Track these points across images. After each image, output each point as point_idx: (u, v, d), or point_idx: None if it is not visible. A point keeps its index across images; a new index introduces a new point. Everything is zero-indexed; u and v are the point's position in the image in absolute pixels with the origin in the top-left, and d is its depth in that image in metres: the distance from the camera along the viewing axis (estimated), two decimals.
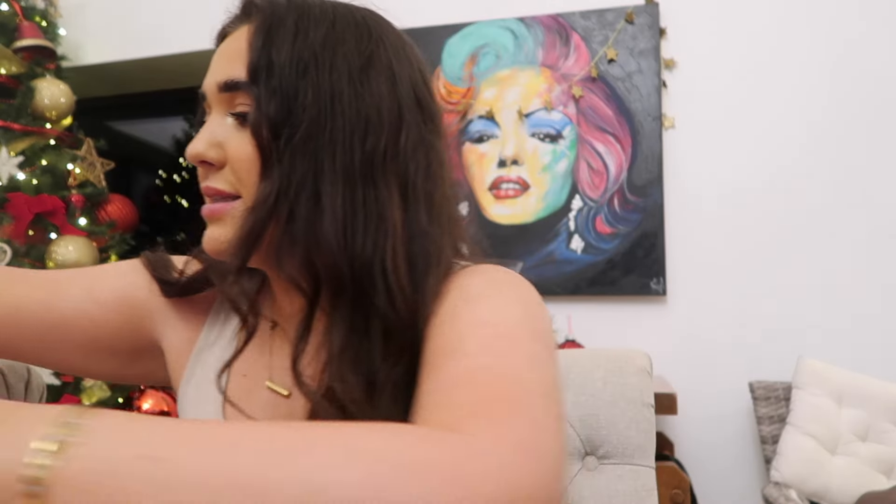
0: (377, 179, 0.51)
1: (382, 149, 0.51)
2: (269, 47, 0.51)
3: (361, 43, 0.54)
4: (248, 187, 0.52)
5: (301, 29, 0.52)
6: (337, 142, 0.50)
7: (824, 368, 1.75)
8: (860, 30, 1.96)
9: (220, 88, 0.53)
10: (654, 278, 2.02)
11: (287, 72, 0.50)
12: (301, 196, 0.49)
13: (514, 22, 2.20)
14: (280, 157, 0.50)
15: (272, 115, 0.50)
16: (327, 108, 0.51)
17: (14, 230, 1.98)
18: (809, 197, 1.97)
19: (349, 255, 0.49)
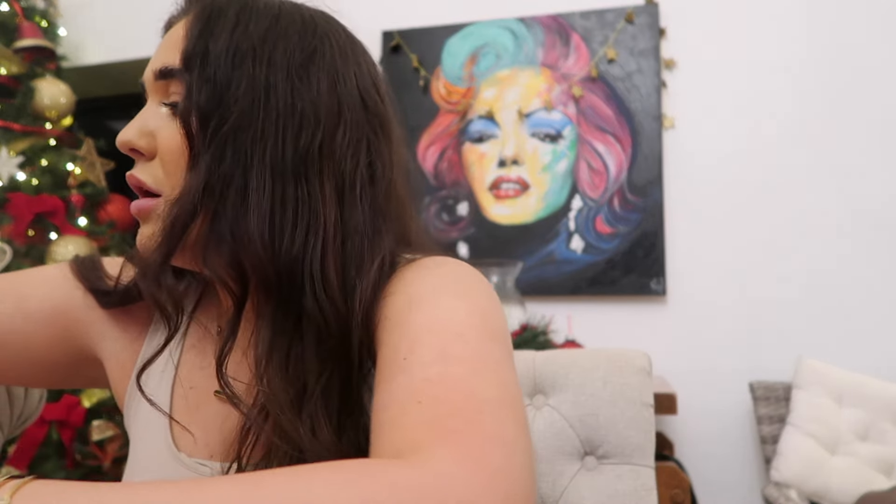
0: (310, 176, 0.49)
1: (317, 146, 0.50)
2: (207, 36, 0.50)
3: (304, 39, 0.52)
4: (171, 179, 0.50)
5: (242, 20, 0.51)
6: (268, 135, 0.48)
7: (824, 368, 1.75)
8: (859, 29, 1.96)
9: (155, 76, 0.52)
10: (654, 278, 2.02)
11: (222, 61, 0.49)
12: (228, 190, 0.47)
13: (514, 22, 2.20)
14: (207, 147, 0.48)
15: (202, 103, 0.48)
16: (260, 101, 0.49)
17: (14, 230, 1.98)
18: (810, 197, 1.97)
19: (276, 254, 0.47)
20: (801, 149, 1.99)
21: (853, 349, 1.89)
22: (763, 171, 2.01)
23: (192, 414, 0.55)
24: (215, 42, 0.49)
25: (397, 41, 2.26)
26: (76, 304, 0.59)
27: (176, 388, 0.57)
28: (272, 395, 0.46)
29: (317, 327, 0.48)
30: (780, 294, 1.96)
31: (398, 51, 2.26)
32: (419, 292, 0.48)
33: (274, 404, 0.46)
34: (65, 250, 2.00)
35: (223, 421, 0.54)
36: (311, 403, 0.47)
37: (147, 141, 0.51)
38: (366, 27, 2.71)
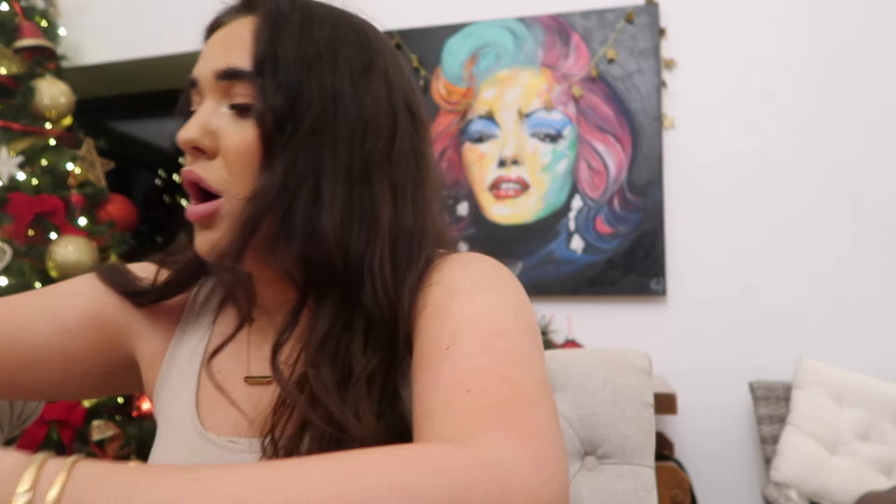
0: (373, 180, 0.52)
1: (379, 151, 0.53)
2: (276, 41, 0.51)
3: (362, 49, 0.55)
4: (239, 179, 0.51)
5: (306, 26, 0.53)
6: (339, 140, 0.51)
7: (824, 368, 1.75)
8: (859, 29, 1.96)
9: (217, 76, 0.53)
10: (654, 278, 2.02)
11: (293, 66, 0.51)
12: (302, 190, 0.50)
13: (514, 22, 2.20)
14: (284, 150, 0.50)
15: (278, 107, 0.50)
16: (330, 107, 0.52)
17: (14, 230, 1.98)
18: (810, 197, 1.97)
19: (343, 251, 0.50)
20: (801, 149, 1.99)
21: (853, 349, 1.89)
22: (763, 171, 2.01)
23: (216, 398, 0.57)
24: (284, 47, 0.51)
25: (397, 41, 2.26)
26: (109, 310, 0.61)
27: (203, 371, 0.59)
28: (320, 379, 0.49)
29: (367, 318, 0.51)
30: (780, 294, 1.97)
31: (398, 51, 2.26)
32: (458, 286, 0.50)
33: (322, 387, 0.48)
34: (65, 250, 2.00)
35: (255, 403, 0.56)
36: (356, 389, 0.49)
37: (210, 140, 0.52)
38: None
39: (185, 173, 0.53)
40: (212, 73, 0.53)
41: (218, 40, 0.55)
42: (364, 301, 0.51)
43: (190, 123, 0.52)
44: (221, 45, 0.54)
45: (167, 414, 0.60)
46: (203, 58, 0.55)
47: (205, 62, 0.54)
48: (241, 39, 0.53)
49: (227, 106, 0.53)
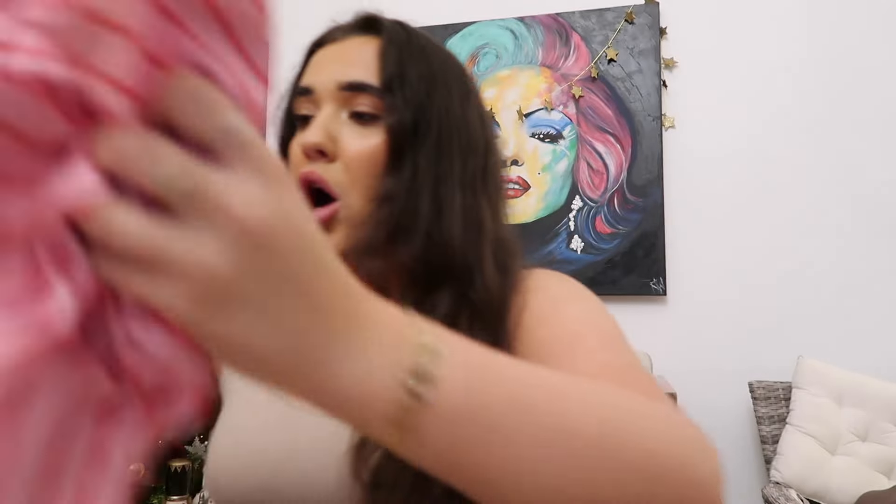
0: (477, 191, 0.60)
1: (481, 167, 0.61)
2: (403, 63, 0.59)
3: (463, 77, 0.64)
4: (358, 183, 0.57)
5: (425, 52, 0.61)
6: (453, 154, 0.59)
7: (824, 368, 1.75)
8: (859, 29, 1.96)
9: (341, 87, 0.58)
10: (654, 278, 2.02)
11: (417, 86, 0.58)
12: (425, 195, 0.57)
13: (514, 22, 2.20)
14: (410, 159, 0.57)
15: (406, 121, 0.57)
16: (446, 124, 0.59)
17: None
18: (810, 197, 1.97)
19: (460, 251, 0.57)
20: (802, 148, 1.99)
21: (853, 349, 1.89)
22: (763, 171, 2.01)
23: None
24: (410, 69, 0.59)
25: None
26: None
27: None
28: None
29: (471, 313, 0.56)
30: (780, 294, 1.96)
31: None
32: (558, 294, 0.58)
33: None
34: None
35: None
36: None
37: (331, 144, 0.57)
38: None
39: (307, 173, 0.57)
40: (335, 83, 0.59)
41: (336, 54, 0.61)
42: (472, 297, 0.56)
43: (314, 128, 0.57)
44: (342, 60, 0.60)
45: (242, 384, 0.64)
46: (318, 69, 0.61)
47: (324, 73, 0.60)
48: (364, 57, 0.59)
49: (346, 114, 0.59)
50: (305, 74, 0.62)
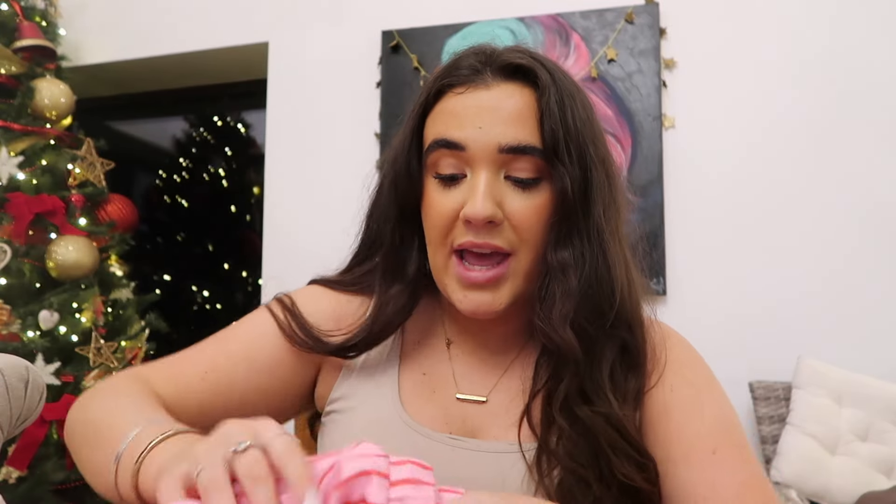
0: (622, 239, 0.62)
1: (624, 210, 0.63)
2: (563, 120, 0.57)
3: (594, 112, 0.63)
4: (526, 243, 0.58)
5: (577, 101, 0.59)
6: (611, 206, 0.60)
7: (824, 368, 1.75)
8: (860, 29, 1.96)
9: (503, 150, 0.57)
10: (654, 278, 2.02)
11: (579, 144, 0.58)
12: (598, 257, 0.58)
13: (514, 22, 2.20)
14: (584, 221, 0.58)
15: (573, 183, 0.57)
16: (604, 178, 0.60)
17: (14, 230, 1.98)
18: (810, 197, 1.97)
19: (628, 303, 0.60)
20: (802, 149, 1.98)
21: (853, 349, 1.89)
22: (763, 171, 2.00)
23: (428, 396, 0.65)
24: (569, 125, 0.57)
25: (397, 41, 2.26)
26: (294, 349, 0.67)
27: (403, 370, 0.67)
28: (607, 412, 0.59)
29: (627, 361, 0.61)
30: (780, 294, 1.96)
31: (398, 51, 2.26)
32: (696, 381, 0.63)
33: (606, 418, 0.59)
34: (65, 250, 2.00)
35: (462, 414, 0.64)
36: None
37: (500, 211, 0.58)
38: (366, 27, 2.69)
39: (480, 244, 0.57)
40: (496, 146, 0.57)
41: (489, 107, 0.58)
42: (630, 345, 0.61)
43: (483, 199, 0.56)
44: (499, 117, 0.57)
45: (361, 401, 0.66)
46: (468, 123, 0.58)
47: (477, 130, 0.57)
48: (520, 112, 0.57)
49: (503, 176, 0.58)
50: (445, 124, 0.59)
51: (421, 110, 0.63)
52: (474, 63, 0.60)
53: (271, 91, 2.44)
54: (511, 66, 0.59)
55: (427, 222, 0.62)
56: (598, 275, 0.58)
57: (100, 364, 1.99)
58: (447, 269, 0.60)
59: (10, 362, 0.93)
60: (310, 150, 2.37)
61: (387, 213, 0.65)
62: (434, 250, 0.61)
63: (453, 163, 0.59)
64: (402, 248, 0.65)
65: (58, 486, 1.86)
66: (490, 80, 0.59)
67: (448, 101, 0.60)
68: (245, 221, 3.73)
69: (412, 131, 0.63)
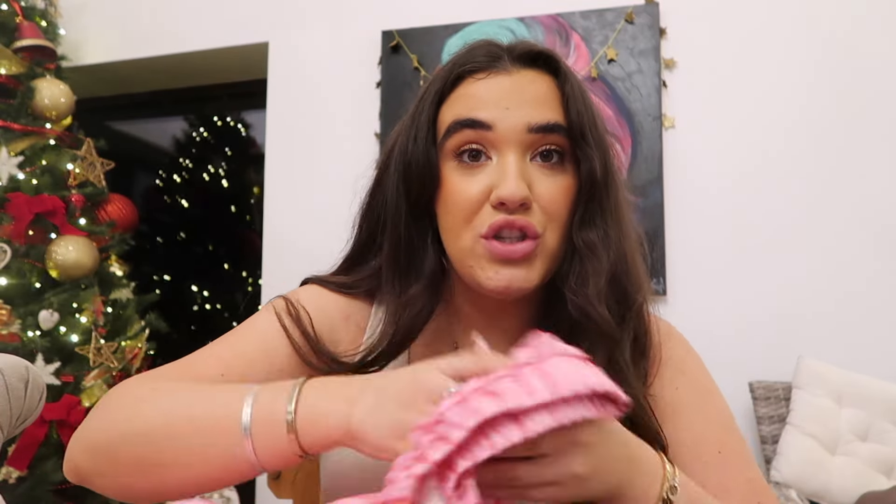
0: (635, 230, 0.65)
1: (629, 203, 0.65)
2: (585, 103, 0.60)
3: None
4: (554, 223, 0.59)
5: (589, 94, 0.62)
6: (621, 186, 0.63)
7: (824, 368, 1.75)
8: (860, 28, 1.96)
9: (532, 129, 0.58)
10: (654, 278, 2.02)
11: (600, 129, 0.60)
12: (620, 240, 0.60)
13: (513, 22, 2.20)
14: (604, 197, 0.60)
15: (598, 163, 0.59)
16: (613, 159, 0.62)
17: (14, 230, 1.98)
18: (810, 197, 1.97)
19: (643, 289, 0.62)
20: (802, 148, 1.98)
21: (853, 349, 1.89)
22: (764, 171, 2.00)
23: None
24: (590, 109, 0.60)
25: (397, 41, 2.26)
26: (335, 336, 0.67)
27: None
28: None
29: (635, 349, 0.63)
30: (780, 294, 1.96)
31: (398, 51, 2.26)
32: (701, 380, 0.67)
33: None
34: (65, 250, 2.00)
35: None
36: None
37: (530, 193, 0.58)
38: (366, 27, 2.69)
39: (511, 221, 0.57)
40: (524, 125, 0.57)
41: (514, 90, 0.59)
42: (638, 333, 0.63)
43: (516, 180, 0.56)
44: (526, 98, 0.58)
45: None
46: (494, 104, 0.58)
47: (504, 111, 0.58)
48: (545, 95, 0.59)
49: (529, 157, 0.59)
50: (468, 106, 0.59)
51: (437, 98, 0.62)
52: (492, 50, 0.61)
53: (271, 91, 2.44)
54: (532, 53, 0.61)
55: (449, 209, 0.60)
56: (622, 256, 0.60)
57: (100, 364, 1.99)
58: (475, 249, 0.58)
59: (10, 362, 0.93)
60: (310, 150, 2.37)
61: (396, 209, 0.63)
62: (458, 235, 0.59)
63: (479, 145, 0.58)
64: (417, 245, 0.63)
65: (58, 486, 1.86)
66: (510, 67, 0.60)
67: (468, 86, 0.60)
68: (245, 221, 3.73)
69: (428, 119, 0.62)
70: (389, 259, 0.64)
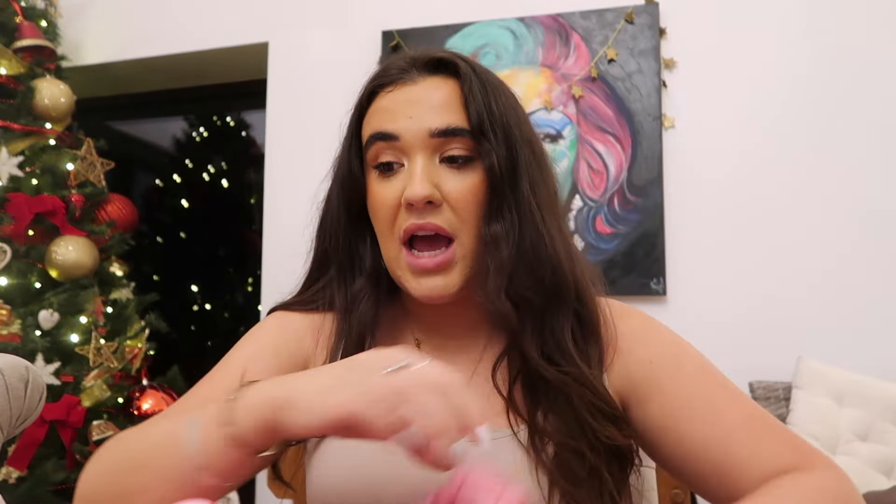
0: (556, 212, 0.65)
1: (553, 189, 0.67)
2: (487, 103, 0.61)
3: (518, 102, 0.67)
4: (467, 223, 0.61)
5: (498, 89, 0.64)
6: (541, 182, 0.63)
7: (824, 368, 1.75)
8: (860, 28, 1.96)
9: (433, 134, 0.60)
10: (654, 278, 2.02)
11: (505, 124, 0.61)
12: (532, 230, 0.61)
13: (514, 22, 2.20)
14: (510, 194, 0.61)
15: (502, 160, 0.60)
16: (531, 155, 0.63)
17: (14, 230, 1.98)
18: (810, 197, 1.97)
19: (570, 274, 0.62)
20: (802, 148, 1.98)
21: (853, 349, 1.89)
22: (763, 171, 2.00)
23: None
24: (493, 108, 0.61)
25: (397, 41, 2.26)
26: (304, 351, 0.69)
27: None
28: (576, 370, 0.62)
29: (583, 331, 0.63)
30: (780, 294, 1.96)
31: (398, 51, 2.26)
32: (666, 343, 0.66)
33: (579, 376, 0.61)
34: (65, 250, 2.00)
35: None
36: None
37: (437, 192, 0.60)
38: (366, 27, 2.69)
39: (420, 225, 0.60)
40: (426, 131, 0.60)
41: (416, 98, 0.62)
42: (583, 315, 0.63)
43: (420, 180, 0.59)
44: (426, 105, 0.61)
45: None
46: (398, 114, 0.62)
47: (408, 120, 0.61)
48: (447, 100, 0.61)
49: (438, 159, 0.61)
50: (379, 119, 0.63)
51: (357, 114, 0.67)
52: (401, 64, 0.65)
53: (271, 91, 2.44)
54: (434, 61, 0.64)
55: (373, 215, 0.65)
56: (531, 244, 0.61)
57: (100, 364, 1.99)
58: (399, 259, 0.63)
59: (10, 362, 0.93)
60: (310, 150, 2.37)
61: (337, 218, 0.69)
62: (384, 242, 0.64)
63: (390, 153, 0.62)
64: (357, 247, 0.68)
65: (58, 486, 1.86)
66: (416, 76, 0.63)
67: (380, 100, 0.64)
68: (245, 221, 3.73)
69: (351, 133, 0.68)
70: (336, 264, 0.69)
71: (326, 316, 0.70)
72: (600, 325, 0.65)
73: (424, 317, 0.69)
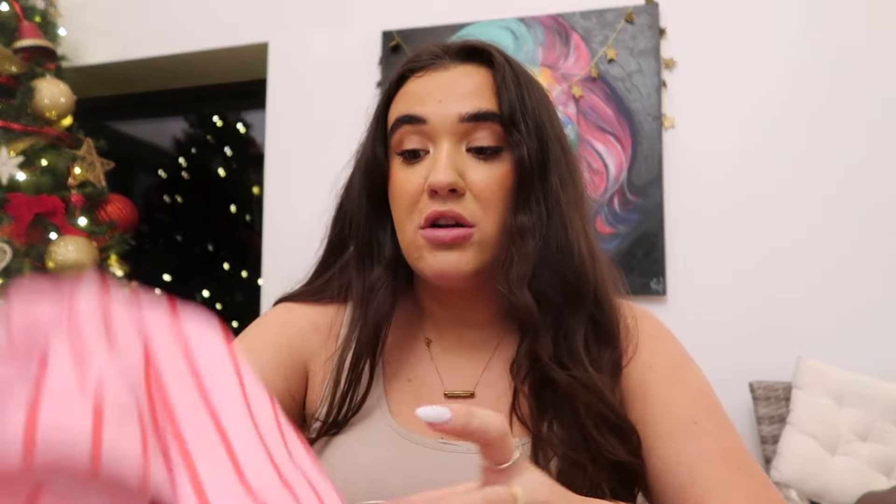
0: (584, 213, 0.64)
1: (582, 190, 0.65)
2: (520, 91, 0.60)
3: (549, 99, 0.65)
4: (489, 213, 0.59)
5: (532, 84, 0.63)
6: (569, 179, 0.62)
7: (824, 368, 1.75)
8: (860, 28, 1.96)
9: (463, 118, 0.59)
10: (654, 278, 2.02)
11: (537, 115, 0.60)
12: (558, 225, 0.60)
13: (514, 22, 2.20)
14: (542, 190, 0.60)
15: (533, 156, 0.59)
16: (560, 151, 0.62)
17: (14, 230, 1.98)
18: (810, 196, 1.97)
19: (592, 275, 0.61)
20: (802, 148, 1.98)
21: (853, 349, 1.89)
22: (763, 171, 2.00)
23: (416, 402, 0.64)
24: (526, 98, 0.60)
25: (397, 41, 2.26)
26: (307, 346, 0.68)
27: (388, 378, 0.67)
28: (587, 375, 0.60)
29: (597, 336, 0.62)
30: (780, 294, 1.96)
31: (398, 51, 2.26)
32: (673, 356, 0.65)
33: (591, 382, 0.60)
34: (65, 250, 2.00)
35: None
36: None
37: (462, 180, 0.59)
38: (366, 27, 2.69)
39: (443, 212, 0.58)
40: (455, 115, 0.59)
41: (447, 84, 0.61)
42: (600, 319, 0.62)
43: (444, 168, 0.58)
44: (457, 90, 0.60)
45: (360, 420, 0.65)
46: (427, 99, 0.60)
47: (437, 104, 0.60)
48: (478, 87, 0.60)
49: (465, 148, 0.60)
50: (407, 103, 0.62)
51: (385, 98, 0.66)
52: (434, 50, 0.64)
53: (271, 91, 2.44)
54: (467, 48, 0.63)
55: (394, 201, 0.63)
56: (557, 240, 0.60)
57: None
58: (415, 239, 0.61)
59: None
60: (310, 150, 2.37)
61: (358, 204, 0.67)
62: (403, 227, 0.63)
63: (416, 139, 0.61)
64: (378, 235, 0.67)
65: None
66: (448, 63, 0.63)
67: (410, 85, 0.63)
68: (245, 221, 3.73)
69: (377, 118, 0.66)
70: (355, 251, 0.68)
71: (334, 308, 0.70)
72: (618, 329, 0.63)
73: (437, 316, 0.69)
